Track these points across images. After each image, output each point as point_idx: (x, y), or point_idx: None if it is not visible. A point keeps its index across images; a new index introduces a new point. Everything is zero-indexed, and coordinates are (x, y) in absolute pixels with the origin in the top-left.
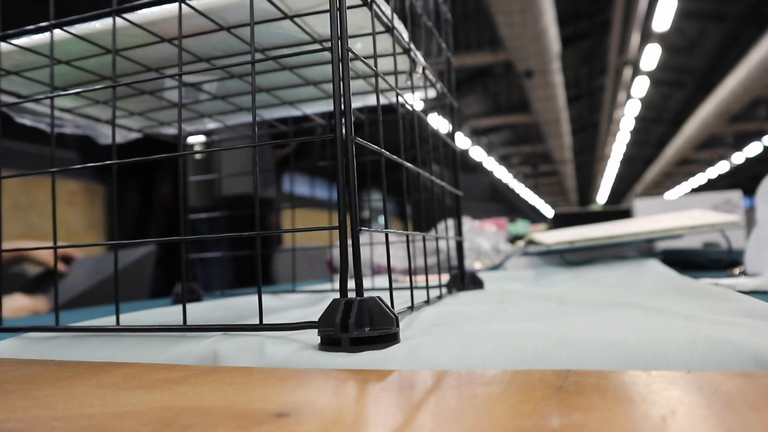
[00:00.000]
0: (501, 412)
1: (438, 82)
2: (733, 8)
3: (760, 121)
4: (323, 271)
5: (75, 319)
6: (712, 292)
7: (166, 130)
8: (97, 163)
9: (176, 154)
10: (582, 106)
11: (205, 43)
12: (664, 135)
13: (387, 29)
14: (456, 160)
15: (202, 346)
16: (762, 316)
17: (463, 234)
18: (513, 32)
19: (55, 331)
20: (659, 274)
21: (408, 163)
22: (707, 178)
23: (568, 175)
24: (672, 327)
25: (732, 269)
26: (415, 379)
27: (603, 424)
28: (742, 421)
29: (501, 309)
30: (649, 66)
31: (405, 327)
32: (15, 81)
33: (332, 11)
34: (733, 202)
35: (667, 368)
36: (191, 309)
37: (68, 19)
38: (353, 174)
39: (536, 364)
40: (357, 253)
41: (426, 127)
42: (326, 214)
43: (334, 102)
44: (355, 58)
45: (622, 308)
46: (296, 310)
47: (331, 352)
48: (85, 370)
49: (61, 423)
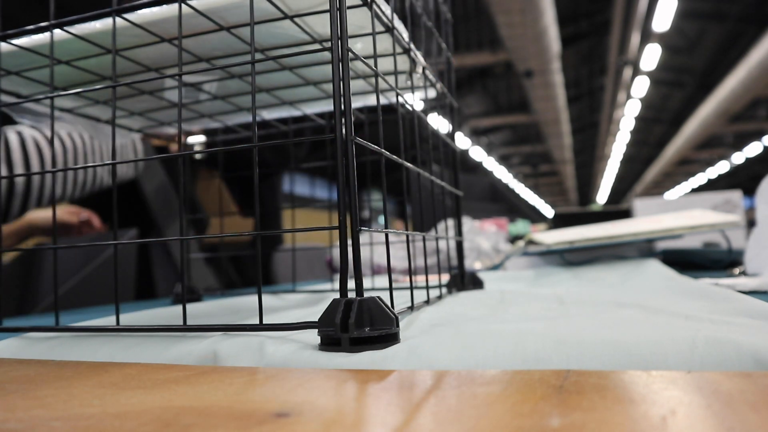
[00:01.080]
0: (501, 412)
1: (438, 82)
2: (733, 8)
3: (760, 121)
4: (323, 271)
5: (75, 319)
6: (712, 292)
7: (166, 130)
8: (98, 164)
9: (176, 154)
10: (582, 106)
11: (205, 43)
12: (664, 135)
13: (387, 29)
14: (456, 160)
15: (202, 346)
16: (762, 316)
17: (463, 234)
18: (513, 32)
19: (55, 331)
20: (659, 274)
21: (408, 163)
22: (707, 178)
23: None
24: (672, 327)
25: (732, 269)
26: (415, 379)
27: (603, 424)
28: (742, 421)
29: (501, 309)
30: (649, 66)
31: (405, 327)
32: (15, 81)
33: (332, 11)
34: (733, 202)
35: (667, 368)
36: (191, 309)
37: (68, 19)
38: (353, 174)
39: (536, 364)
40: (357, 253)
41: (426, 127)
42: (326, 214)
43: (334, 102)
44: (355, 58)
45: (622, 308)
46: (296, 310)
47: (331, 352)
48: (85, 370)
49: (61, 423)
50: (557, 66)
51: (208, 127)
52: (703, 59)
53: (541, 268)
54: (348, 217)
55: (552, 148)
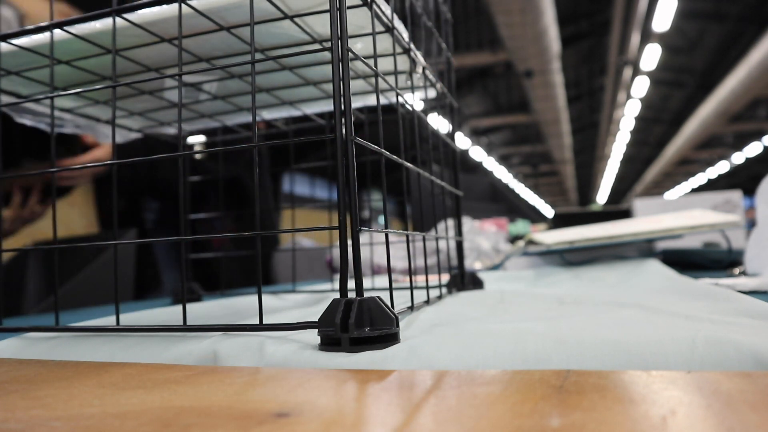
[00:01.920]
0: (501, 412)
1: (438, 82)
2: (733, 8)
3: (760, 121)
4: (323, 271)
5: (75, 319)
6: (712, 292)
7: (167, 130)
8: (98, 163)
9: (176, 153)
10: (582, 106)
11: (205, 43)
12: (664, 135)
13: (387, 29)
14: (456, 160)
15: (202, 346)
16: (762, 316)
17: (463, 234)
18: (513, 32)
19: (55, 331)
20: (659, 274)
21: (408, 163)
22: (707, 178)
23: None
24: (672, 327)
25: (732, 269)
26: (415, 379)
27: (603, 424)
28: (742, 421)
29: (501, 309)
30: (649, 66)
31: (405, 327)
32: (15, 81)
33: (332, 11)
34: (733, 202)
35: (667, 368)
36: (191, 309)
37: (68, 19)
38: (353, 174)
39: (536, 364)
40: (357, 253)
41: (426, 127)
42: (326, 214)
43: (334, 102)
44: (355, 58)
45: (622, 308)
46: (296, 310)
47: (331, 352)
48: (85, 370)
49: (61, 423)
50: (557, 66)
51: (208, 127)
52: (703, 59)
53: (541, 268)
54: (348, 217)
55: (552, 148)
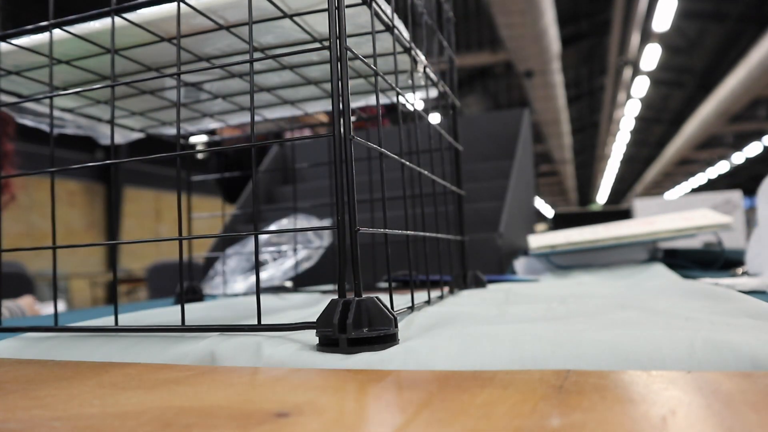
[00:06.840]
0: (501, 412)
1: (439, 81)
2: (733, 8)
3: (760, 121)
4: None
5: (74, 319)
6: (713, 293)
7: (167, 129)
8: (97, 163)
9: (176, 153)
10: (582, 106)
11: (205, 43)
12: (664, 135)
13: (387, 28)
14: (458, 159)
15: (199, 346)
16: (762, 316)
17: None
18: (513, 32)
19: (55, 331)
20: (660, 274)
21: (408, 163)
22: (707, 178)
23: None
24: (671, 328)
25: (734, 269)
26: (415, 380)
27: (603, 424)
28: (742, 421)
29: (502, 310)
30: (649, 66)
31: (405, 327)
32: (15, 81)
33: (330, 10)
34: (733, 202)
35: (665, 371)
36: (191, 309)
37: (68, 19)
38: (352, 174)
39: (535, 365)
40: (356, 253)
41: (427, 126)
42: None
43: (333, 101)
44: (354, 57)
45: (622, 309)
46: (295, 311)
47: (328, 353)
48: (85, 370)
49: (61, 423)
50: (557, 66)
51: (208, 127)
52: (703, 59)
53: (543, 270)
54: (347, 217)
55: (552, 148)
